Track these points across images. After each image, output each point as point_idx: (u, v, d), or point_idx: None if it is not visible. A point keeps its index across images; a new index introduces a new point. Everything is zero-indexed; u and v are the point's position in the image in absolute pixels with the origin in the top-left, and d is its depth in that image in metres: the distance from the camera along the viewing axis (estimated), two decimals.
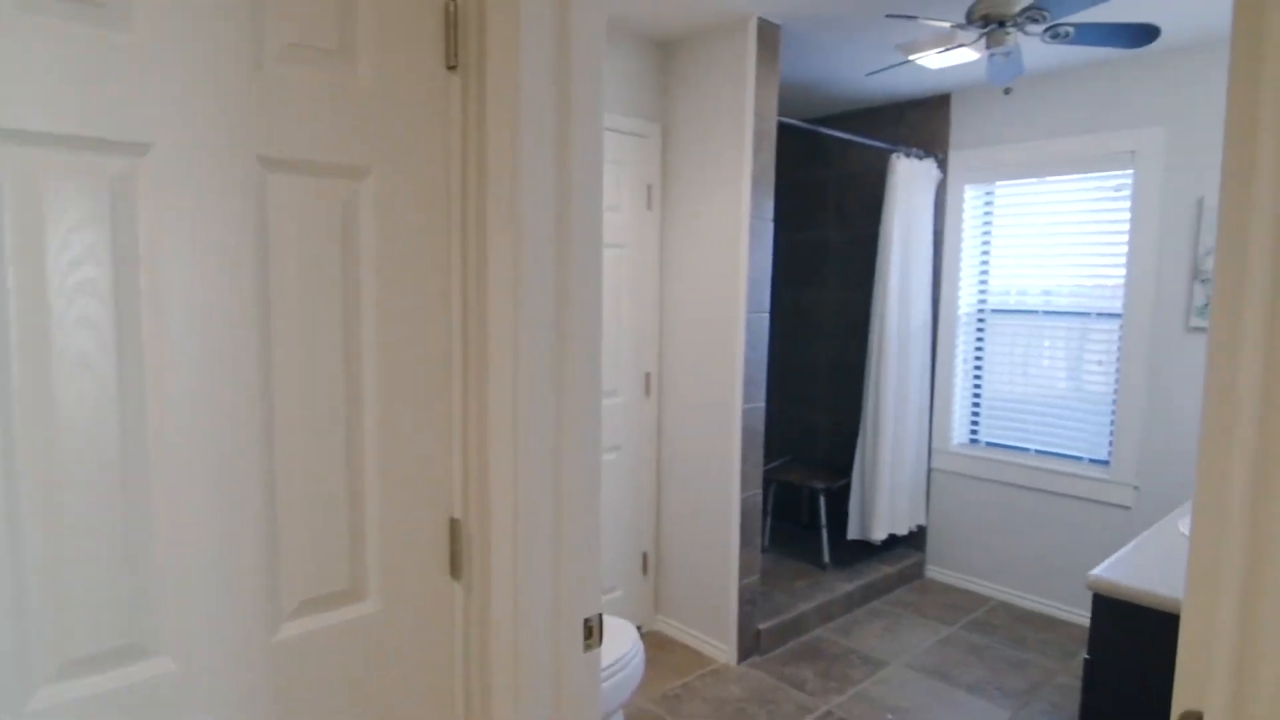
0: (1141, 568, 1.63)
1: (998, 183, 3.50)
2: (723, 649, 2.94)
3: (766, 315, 2.87)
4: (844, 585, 3.45)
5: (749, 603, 2.95)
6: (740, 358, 2.80)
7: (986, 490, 3.55)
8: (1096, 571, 1.61)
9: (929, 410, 3.70)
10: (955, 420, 3.68)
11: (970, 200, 3.60)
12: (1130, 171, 3.08)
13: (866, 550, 3.79)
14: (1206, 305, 2.86)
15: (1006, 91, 2.43)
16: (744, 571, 2.92)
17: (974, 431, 3.67)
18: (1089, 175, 3.21)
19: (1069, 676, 2.85)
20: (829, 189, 4.12)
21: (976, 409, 3.66)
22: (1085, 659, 1.61)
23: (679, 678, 2.84)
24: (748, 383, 2.83)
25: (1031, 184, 3.39)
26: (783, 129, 3.83)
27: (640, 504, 3.12)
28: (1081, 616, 3.27)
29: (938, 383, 3.69)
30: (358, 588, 1.06)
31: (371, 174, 1.02)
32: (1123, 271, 3.12)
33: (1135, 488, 3.08)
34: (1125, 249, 3.11)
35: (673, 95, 2.97)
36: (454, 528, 1.14)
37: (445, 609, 1.14)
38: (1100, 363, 3.22)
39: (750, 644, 2.97)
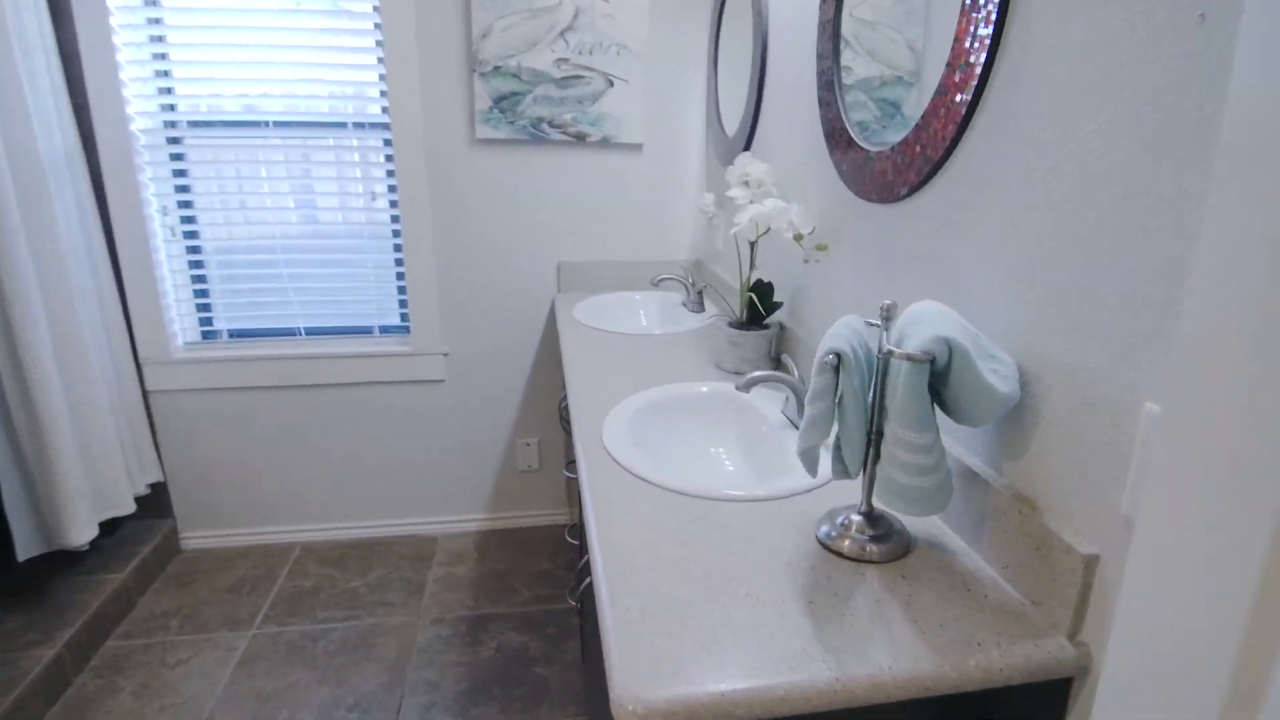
0: (665, 654, 0.86)
1: None
2: None
3: None
4: (39, 649, 1.90)
5: None
6: None
7: (244, 402, 2.39)
8: (621, 703, 0.77)
9: (120, 303, 2.20)
10: (171, 310, 2.29)
11: None
12: None
13: (70, 560, 2.23)
14: (492, 108, 2.19)
15: None
16: None
17: (206, 322, 2.37)
18: None
19: (427, 621, 2.16)
20: None
21: (203, 286, 2.33)
22: None
23: None
24: None
25: None
26: None
27: None
28: (407, 525, 2.59)
29: (122, 254, 2.17)
30: None
31: None
32: (378, 62, 2.16)
33: (445, 354, 2.41)
34: (376, 30, 2.13)
35: None
36: None
37: None
38: (373, 194, 2.29)
39: None
